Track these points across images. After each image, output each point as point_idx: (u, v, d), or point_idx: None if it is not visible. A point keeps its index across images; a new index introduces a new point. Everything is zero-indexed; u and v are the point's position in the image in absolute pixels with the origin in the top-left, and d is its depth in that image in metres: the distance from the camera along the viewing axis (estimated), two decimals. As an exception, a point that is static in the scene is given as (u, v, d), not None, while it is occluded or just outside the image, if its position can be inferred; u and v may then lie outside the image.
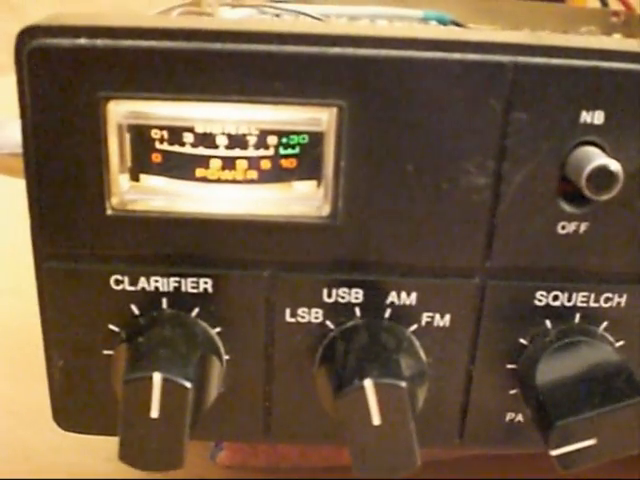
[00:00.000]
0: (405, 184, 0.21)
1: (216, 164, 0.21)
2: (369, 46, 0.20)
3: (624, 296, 0.23)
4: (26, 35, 0.20)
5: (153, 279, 0.22)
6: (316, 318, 0.23)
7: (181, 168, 0.21)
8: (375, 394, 0.20)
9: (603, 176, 0.20)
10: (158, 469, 0.21)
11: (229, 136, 0.21)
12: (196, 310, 0.22)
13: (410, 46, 0.20)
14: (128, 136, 0.21)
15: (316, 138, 0.21)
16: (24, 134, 0.21)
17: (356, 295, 0.22)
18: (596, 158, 0.20)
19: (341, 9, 0.40)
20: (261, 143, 0.21)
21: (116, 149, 0.21)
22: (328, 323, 0.23)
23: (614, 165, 0.20)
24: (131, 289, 0.22)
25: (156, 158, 0.21)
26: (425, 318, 0.23)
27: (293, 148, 0.21)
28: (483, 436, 0.24)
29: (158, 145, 0.21)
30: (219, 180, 0.21)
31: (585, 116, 0.21)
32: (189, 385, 0.20)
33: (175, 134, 0.21)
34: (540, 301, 0.23)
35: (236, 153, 0.21)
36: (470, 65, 0.20)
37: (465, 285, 0.22)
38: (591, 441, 0.21)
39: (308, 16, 0.34)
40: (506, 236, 0.22)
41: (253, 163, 0.21)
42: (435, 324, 0.23)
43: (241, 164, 0.21)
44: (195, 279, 0.22)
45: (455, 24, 0.41)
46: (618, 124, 0.21)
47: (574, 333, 0.22)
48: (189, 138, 0.21)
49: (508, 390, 0.24)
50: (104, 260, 0.22)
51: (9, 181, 0.26)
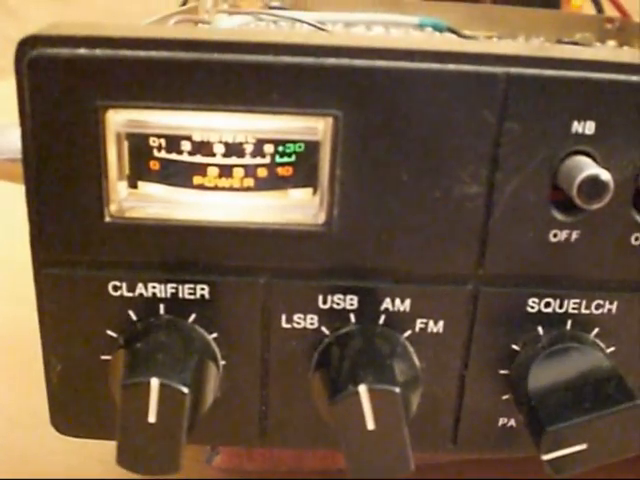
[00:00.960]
0: (399, 192, 0.21)
1: (213, 172, 0.22)
2: (365, 57, 0.20)
3: (615, 303, 0.23)
4: (26, 44, 0.20)
5: (151, 285, 0.22)
6: (311, 324, 0.23)
7: (179, 176, 0.22)
8: (369, 399, 0.20)
9: (594, 185, 0.20)
10: (155, 473, 0.21)
11: (226, 144, 0.21)
12: (193, 316, 0.23)
13: (405, 57, 0.20)
14: (126, 144, 0.21)
15: (312, 147, 0.21)
16: (24, 142, 0.21)
17: (351, 301, 0.23)
18: (587, 168, 0.20)
19: (337, 16, 0.40)
20: (258, 151, 0.21)
21: (114, 157, 0.21)
22: (323, 329, 0.23)
23: (605, 175, 0.20)
24: (129, 295, 0.22)
25: (154, 166, 0.22)
26: (419, 324, 0.23)
27: (289, 156, 0.22)
28: (476, 441, 0.24)
29: (156, 153, 0.22)
30: (216, 188, 0.22)
31: (577, 126, 0.21)
32: (186, 390, 0.20)
33: (173, 142, 0.21)
34: (532, 308, 0.23)
35: (233, 161, 0.22)
36: (464, 76, 0.20)
37: (458, 292, 0.23)
38: (582, 446, 0.21)
39: (305, 23, 0.35)
40: (499, 244, 0.22)
41: (250, 171, 0.22)
42: (429, 330, 0.23)
43: (238, 172, 0.22)
44: (192, 285, 0.22)
45: (451, 31, 0.41)
46: (609, 134, 0.21)
47: (565, 339, 0.23)
48: (187, 146, 0.21)
49: (501, 395, 0.24)
50: (102, 267, 0.22)
51: (8, 187, 0.26)
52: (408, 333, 0.23)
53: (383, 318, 0.23)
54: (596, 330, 0.23)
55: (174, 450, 0.21)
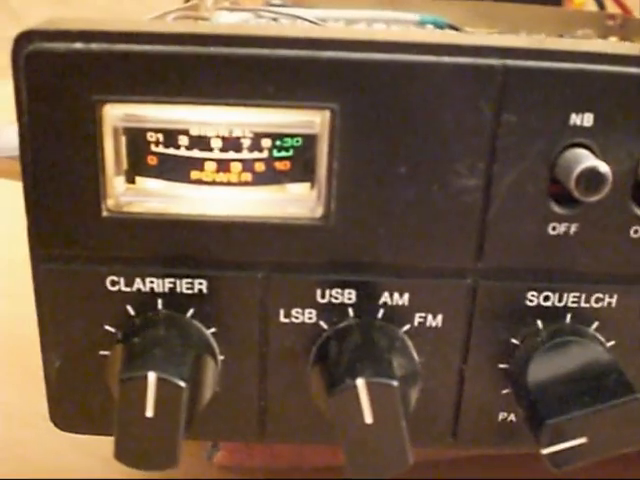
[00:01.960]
0: (397, 186, 0.21)
1: (211, 166, 0.22)
2: (361, 50, 0.20)
3: (614, 296, 0.23)
4: (23, 39, 0.20)
5: (148, 280, 0.22)
6: (310, 318, 0.23)
7: (176, 170, 0.22)
8: (367, 393, 0.20)
9: (592, 178, 0.20)
10: (153, 468, 0.21)
11: (223, 139, 0.21)
12: (191, 311, 0.23)
13: (401, 50, 0.20)
14: (124, 139, 0.21)
15: (309, 141, 0.21)
16: (21, 137, 0.21)
17: (349, 296, 0.23)
18: (585, 160, 0.20)
19: (338, 13, 0.40)
20: (255, 146, 0.21)
21: (112, 152, 0.21)
22: (322, 323, 0.23)
23: (603, 167, 0.20)
24: (127, 290, 0.22)
25: (152, 161, 0.22)
26: (418, 318, 0.23)
27: (287, 151, 0.22)
28: (476, 436, 0.24)
29: (153, 148, 0.22)
30: (214, 182, 0.22)
31: (574, 118, 0.21)
32: (184, 385, 0.20)
33: (170, 137, 0.21)
34: (531, 301, 0.23)
35: (230, 156, 0.22)
36: (460, 68, 0.20)
37: (457, 286, 0.23)
38: (582, 440, 0.21)
39: (305, 20, 0.35)
40: (497, 237, 0.22)
41: (247, 165, 0.22)
42: (427, 324, 0.23)
43: (235, 166, 0.22)
44: (190, 280, 0.22)
45: (451, 28, 0.41)
46: (607, 126, 0.21)
47: (565, 333, 0.23)
48: (184, 141, 0.21)
49: (500, 390, 0.24)
50: (100, 261, 0.22)
51: (7, 184, 0.26)
52: (407, 327, 0.23)
53: (382, 312, 0.23)
54: (596, 324, 0.23)
55: (172, 445, 0.21)
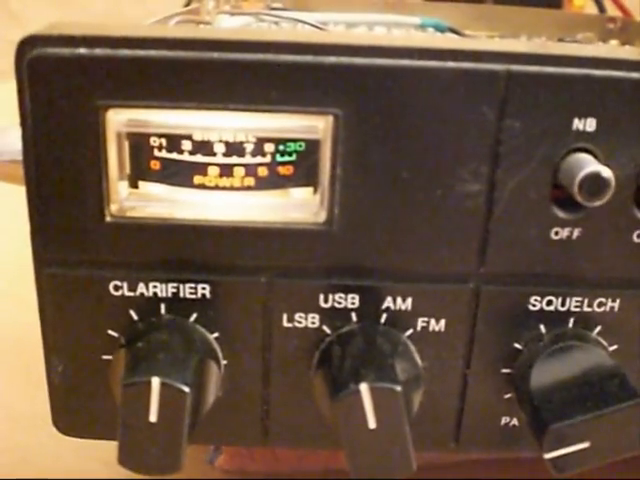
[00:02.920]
0: (400, 191, 0.21)
1: (214, 171, 0.22)
2: (364, 55, 0.20)
3: (617, 301, 0.23)
4: (26, 44, 0.20)
5: (152, 285, 0.22)
6: (313, 323, 0.23)
7: (179, 175, 0.22)
8: (371, 398, 0.20)
9: (595, 183, 0.20)
10: (157, 473, 0.21)
11: (226, 144, 0.21)
12: (194, 315, 0.23)
13: (404, 55, 0.20)
14: (127, 144, 0.21)
15: (312, 145, 0.21)
16: (24, 142, 0.21)
17: (352, 300, 0.23)
18: (588, 165, 0.20)
19: (339, 16, 0.40)
20: (258, 150, 0.21)
21: (115, 157, 0.21)
22: (325, 328, 0.23)
23: (606, 172, 0.20)
24: (130, 295, 0.22)
25: (155, 165, 0.22)
26: (420, 323, 0.23)
27: (290, 155, 0.22)
28: (479, 440, 0.24)
29: (157, 153, 0.22)
30: (217, 187, 0.22)
31: (577, 123, 0.21)
32: (187, 390, 0.20)
33: (173, 142, 0.21)
34: (534, 306, 0.23)
35: (233, 160, 0.22)
36: (463, 73, 0.20)
37: (460, 290, 0.23)
38: (585, 444, 0.21)
39: (306, 24, 0.35)
40: (500, 242, 0.22)
41: (250, 170, 0.22)
42: (430, 329, 0.23)
43: (238, 171, 0.22)
44: (193, 285, 0.22)
45: (452, 31, 0.41)
46: (610, 131, 0.21)
47: (568, 338, 0.23)
48: (187, 146, 0.21)
49: (503, 394, 0.24)
50: (103, 266, 0.22)
51: (10, 188, 0.26)
52: (410, 332, 0.23)
53: (385, 317, 0.23)
54: (598, 328, 0.23)
55: (176, 449, 0.21)
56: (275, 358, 0.23)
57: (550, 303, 0.23)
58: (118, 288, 0.22)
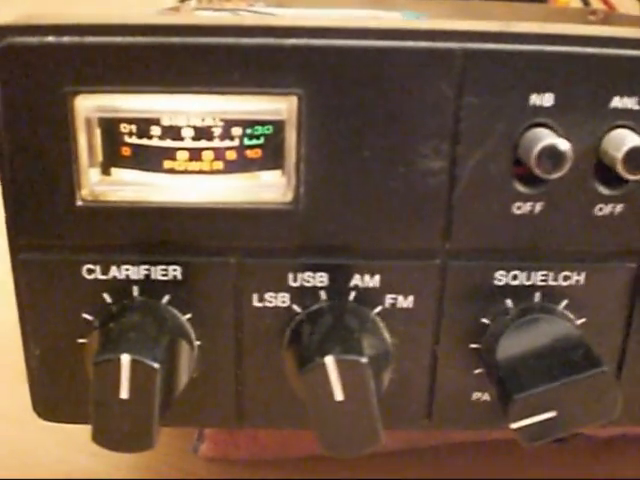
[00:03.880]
0: (363, 169, 0.22)
1: (183, 156, 0.22)
2: (322, 36, 0.21)
3: (582, 274, 0.23)
4: (-4, 35, 0.21)
5: (124, 268, 0.23)
6: (283, 302, 0.23)
7: (149, 160, 0.22)
8: (337, 370, 0.20)
9: (552, 155, 0.20)
10: (130, 450, 0.21)
11: (195, 128, 0.22)
12: (166, 297, 0.23)
13: (363, 35, 0.21)
14: (98, 131, 0.22)
15: (279, 129, 0.22)
16: (-4, 129, 0.22)
17: (321, 279, 0.23)
18: (545, 138, 0.21)
19: (319, 12, 0.41)
20: (226, 134, 0.22)
21: (85, 142, 0.22)
22: (294, 307, 0.23)
23: (563, 144, 0.21)
24: (103, 278, 0.23)
25: (126, 152, 0.22)
26: (389, 300, 0.23)
27: (258, 139, 0.22)
28: (451, 416, 0.25)
29: (127, 139, 0.22)
30: (186, 171, 0.22)
31: (535, 99, 0.21)
32: (157, 366, 0.20)
33: (143, 127, 0.22)
34: (500, 281, 0.23)
35: (202, 144, 0.22)
36: (421, 52, 0.21)
37: (426, 266, 0.23)
38: (551, 413, 0.21)
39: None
40: (464, 218, 0.22)
41: (219, 154, 0.22)
42: (399, 305, 0.23)
43: (207, 155, 0.22)
44: (165, 267, 0.23)
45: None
46: (568, 105, 0.21)
47: (534, 311, 0.23)
48: (156, 131, 0.22)
49: (473, 369, 0.24)
50: (76, 250, 0.23)
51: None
52: (378, 309, 0.23)
53: (353, 294, 0.23)
54: (565, 302, 0.23)
55: (148, 426, 0.21)
56: (247, 338, 0.24)
57: (515, 278, 0.23)
58: (91, 272, 0.23)
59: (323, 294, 0.23)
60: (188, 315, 0.23)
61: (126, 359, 0.20)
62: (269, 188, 0.22)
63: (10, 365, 0.35)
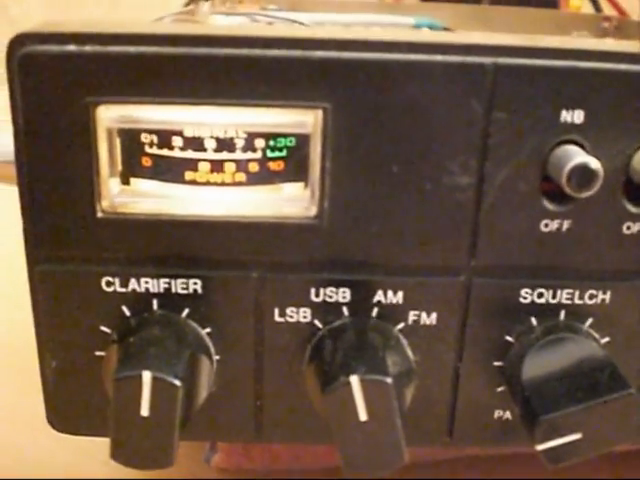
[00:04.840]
0: (390, 184, 0.21)
1: (205, 167, 0.22)
2: (352, 49, 0.20)
3: (608, 293, 0.23)
4: (16, 42, 0.20)
5: (143, 280, 0.22)
6: (304, 317, 0.23)
7: (171, 171, 0.22)
8: (361, 390, 0.20)
9: (583, 174, 0.20)
10: (149, 467, 0.21)
11: (217, 139, 0.22)
12: (186, 311, 0.23)
13: (393, 49, 0.20)
14: (118, 141, 0.22)
15: (303, 141, 0.22)
16: (16, 139, 0.21)
17: (343, 294, 0.23)
18: (576, 156, 0.20)
19: (334, 17, 0.40)
20: (249, 146, 0.22)
21: (105, 153, 0.21)
22: (316, 322, 0.23)
23: (594, 163, 0.20)
24: (122, 291, 0.23)
25: (146, 162, 0.22)
26: (412, 316, 0.23)
27: (280, 151, 0.22)
28: (472, 434, 0.24)
29: (148, 149, 0.22)
30: (208, 183, 0.22)
31: (565, 115, 0.21)
32: (178, 383, 0.20)
33: (164, 138, 0.21)
34: (525, 298, 0.23)
35: (224, 156, 0.22)
36: (451, 67, 0.20)
37: (451, 283, 0.23)
38: (577, 435, 0.21)
39: (300, 24, 0.35)
40: (490, 234, 0.22)
41: (241, 166, 0.22)
42: (422, 322, 0.23)
43: (229, 167, 0.22)
44: (185, 280, 0.23)
45: (446, 31, 0.41)
46: (598, 123, 0.21)
47: (559, 330, 0.23)
48: (178, 142, 0.22)
49: (496, 387, 0.24)
50: (95, 262, 0.22)
51: (4, 188, 0.26)
52: (401, 325, 0.23)
53: (376, 311, 0.23)
54: (590, 320, 0.23)
55: (168, 444, 0.21)
56: (267, 353, 0.23)
57: (541, 295, 0.23)
58: (110, 284, 0.23)
59: (345, 310, 0.23)
60: (208, 329, 0.23)
61: (147, 376, 0.20)
62: (292, 202, 0.22)
63: (22, 372, 0.35)
